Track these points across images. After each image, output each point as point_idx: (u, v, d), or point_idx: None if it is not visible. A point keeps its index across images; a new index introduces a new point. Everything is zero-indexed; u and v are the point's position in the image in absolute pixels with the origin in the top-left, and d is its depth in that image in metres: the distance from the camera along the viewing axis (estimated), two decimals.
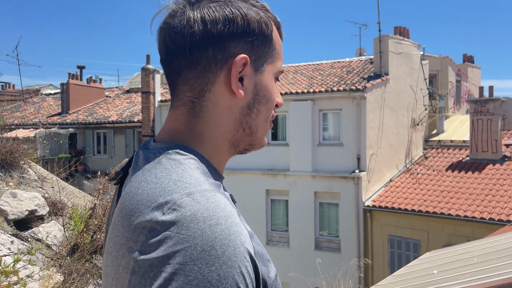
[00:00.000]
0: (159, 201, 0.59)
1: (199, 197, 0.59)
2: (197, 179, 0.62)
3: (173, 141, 0.70)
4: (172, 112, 0.73)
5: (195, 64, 0.69)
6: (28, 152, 3.29)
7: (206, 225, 0.56)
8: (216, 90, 0.70)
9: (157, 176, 0.63)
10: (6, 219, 2.68)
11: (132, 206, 0.62)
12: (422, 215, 10.42)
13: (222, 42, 0.68)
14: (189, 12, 0.68)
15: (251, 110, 0.73)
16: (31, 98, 23.41)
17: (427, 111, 14.41)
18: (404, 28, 13.76)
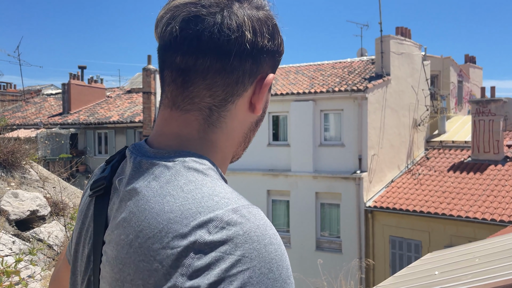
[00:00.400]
0: (200, 218, 0.52)
1: (246, 213, 0.54)
2: (232, 193, 0.57)
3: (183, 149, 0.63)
4: (179, 115, 0.64)
5: (230, 72, 0.62)
6: (30, 153, 3.29)
7: (261, 245, 0.52)
8: (239, 103, 0.65)
9: (183, 189, 0.56)
10: (7, 219, 2.68)
11: (161, 225, 0.53)
12: (423, 216, 10.40)
13: (261, 56, 0.64)
14: (238, 13, 0.62)
15: (257, 126, 0.72)
16: (32, 98, 23.44)
17: (428, 111, 14.39)
18: (406, 29, 13.74)
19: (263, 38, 0.63)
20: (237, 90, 0.64)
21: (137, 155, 0.63)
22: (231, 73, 0.62)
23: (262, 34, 0.63)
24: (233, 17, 0.61)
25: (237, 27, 0.61)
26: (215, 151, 0.65)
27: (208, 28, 0.60)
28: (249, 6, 0.64)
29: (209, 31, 0.60)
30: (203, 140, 0.64)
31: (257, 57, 0.64)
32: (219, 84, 0.63)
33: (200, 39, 0.60)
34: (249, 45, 0.62)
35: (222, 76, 0.62)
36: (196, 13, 0.61)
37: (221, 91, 0.63)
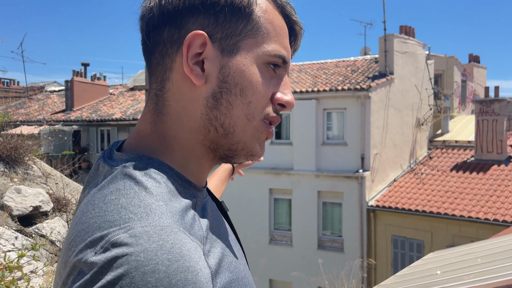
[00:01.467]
0: (94, 235, 0.47)
1: (139, 233, 0.46)
2: (147, 206, 0.49)
3: (138, 148, 0.58)
4: (144, 109, 0.62)
5: (154, 48, 0.58)
6: (33, 149, 3.30)
7: (139, 273, 0.43)
8: (174, 78, 0.57)
9: (105, 199, 0.51)
10: (10, 215, 2.69)
11: (72, 235, 0.50)
12: (426, 216, 10.39)
13: (178, 18, 0.56)
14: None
15: (218, 101, 0.57)
16: (35, 95, 23.51)
17: (432, 111, 14.35)
18: (410, 27, 13.70)
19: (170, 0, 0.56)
20: (166, 64, 0.58)
21: (103, 156, 0.60)
22: (156, 49, 0.58)
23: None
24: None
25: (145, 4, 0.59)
26: (168, 145, 0.58)
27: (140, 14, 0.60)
28: None
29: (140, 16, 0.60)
30: (155, 134, 0.59)
31: (173, 21, 0.57)
32: (154, 65, 0.59)
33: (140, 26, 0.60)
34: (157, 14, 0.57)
35: (153, 55, 0.59)
36: None
37: (158, 72, 0.59)
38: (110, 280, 0.44)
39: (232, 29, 0.57)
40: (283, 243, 12.57)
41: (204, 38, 0.56)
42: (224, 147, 0.60)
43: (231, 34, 0.57)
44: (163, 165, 0.55)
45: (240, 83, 0.57)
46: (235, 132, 0.59)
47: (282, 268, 11.95)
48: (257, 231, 12.50)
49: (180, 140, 0.59)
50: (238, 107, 0.58)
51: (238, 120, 0.58)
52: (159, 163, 0.55)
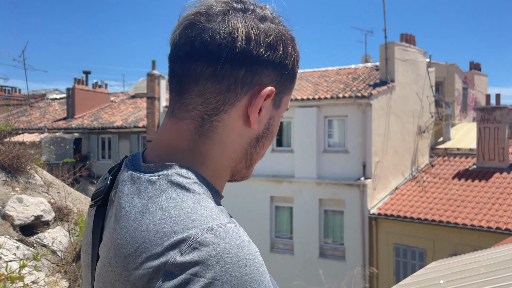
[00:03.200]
0: (173, 238, 0.51)
1: (222, 232, 0.51)
2: (212, 210, 0.55)
3: (171, 160, 0.61)
4: (173, 124, 0.64)
5: (221, 78, 0.61)
6: (35, 158, 3.29)
7: (235, 267, 0.49)
8: (232, 114, 0.63)
9: (162, 207, 0.54)
10: (12, 224, 2.67)
11: (137, 244, 0.53)
12: (428, 224, 10.33)
13: (257, 66, 0.62)
14: (233, 21, 0.62)
15: (258, 143, 0.68)
16: (37, 103, 23.57)
17: (433, 118, 14.35)
18: (411, 35, 13.75)
19: (258, 47, 0.62)
20: (229, 99, 0.62)
21: (129, 167, 0.63)
22: (222, 80, 0.61)
23: (258, 43, 0.62)
24: (226, 23, 0.61)
25: (228, 33, 0.61)
26: (205, 163, 0.63)
27: (201, 33, 0.61)
28: (252, 16, 0.63)
29: (201, 37, 0.61)
30: (192, 152, 0.63)
31: (252, 66, 0.62)
32: (210, 90, 0.62)
33: (193, 44, 0.61)
34: (240, 52, 0.60)
35: (213, 82, 0.61)
36: (193, 20, 0.62)
37: (213, 98, 0.62)
38: (212, 277, 0.48)
39: (284, 88, 0.68)
40: (284, 251, 12.51)
41: (272, 93, 0.64)
42: (241, 174, 0.70)
43: (283, 91, 0.68)
44: (199, 175, 0.61)
45: (273, 131, 0.70)
46: (253, 164, 0.71)
47: (283, 276, 11.87)
48: (258, 239, 12.44)
49: (216, 163, 0.65)
50: (265, 147, 0.70)
51: (259, 157, 0.71)
52: (196, 173, 0.60)
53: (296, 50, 0.68)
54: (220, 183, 0.66)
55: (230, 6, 0.63)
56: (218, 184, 0.66)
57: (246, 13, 0.63)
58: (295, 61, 0.67)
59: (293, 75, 0.68)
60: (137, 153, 0.66)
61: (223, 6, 0.63)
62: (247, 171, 0.70)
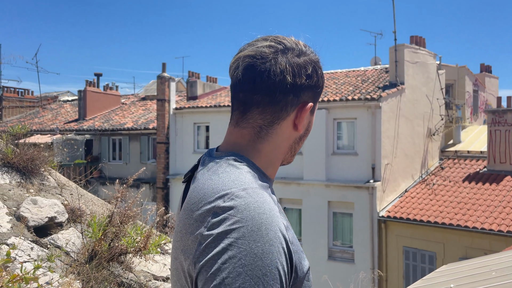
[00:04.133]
0: (221, 193, 0.78)
1: (251, 192, 0.78)
2: (250, 179, 0.82)
3: (235, 151, 0.88)
4: (238, 130, 0.91)
5: (276, 103, 0.87)
6: (49, 160, 3.35)
7: (256, 213, 0.75)
8: (283, 124, 0.90)
9: (219, 176, 0.83)
10: (26, 226, 2.73)
11: (200, 196, 0.81)
12: (438, 227, 10.26)
13: (300, 91, 0.88)
14: (281, 62, 0.86)
15: (300, 140, 0.96)
16: (49, 105, 23.85)
17: (443, 121, 14.24)
18: (420, 38, 13.67)
19: (300, 79, 0.87)
20: (282, 115, 0.89)
21: (205, 155, 0.93)
22: (277, 104, 0.87)
23: (300, 76, 0.87)
24: (277, 65, 0.86)
25: (280, 72, 0.86)
26: (258, 156, 0.90)
27: (260, 74, 0.86)
28: (292, 54, 0.88)
29: (260, 76, 0.86)
30: (250, 147, 0.90)
31: (297, 91, 0.88)
32: (268, 111, 0.88)
33: (255, 81, 0.86)
34: (289, 85, 0.86)
35: (270, 106, 0.88)
36: (252, 63, 0.87)
37: (270, 116, 0.88)
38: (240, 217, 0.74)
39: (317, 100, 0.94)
40: None
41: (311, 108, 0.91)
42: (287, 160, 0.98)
43: (315, 102, 0.94)
44: (249, 161, 0.87)
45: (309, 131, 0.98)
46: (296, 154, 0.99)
47: None
48: None
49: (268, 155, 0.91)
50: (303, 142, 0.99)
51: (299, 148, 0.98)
52: (247, 160, 0.87)
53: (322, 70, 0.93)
54: (272, 169, 0.93)
55: (276, 49, 0.87)
56: (270, 170, 0.92)
57: (287, 53, 0.87)
58: (323, 79, 0.94)
59: (322, 90, 0.95)
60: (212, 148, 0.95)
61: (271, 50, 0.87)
62: (292, 158, 0.98)
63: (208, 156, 0.91)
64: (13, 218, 2.76)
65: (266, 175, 0.89)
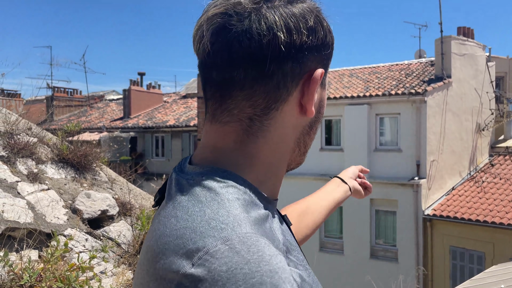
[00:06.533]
0: (188, 246, 0.48)
1: (238, 244, 0.47)
2: (236, 217, 0.50)
3: (217, 162, 0.59)
4: (217, 128, 0.60)
5: (269, 79, 0.57)
6: (100, 156, 3.51)
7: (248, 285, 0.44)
8: (285, 109, 0.59)
9: (188, 211, 0.52)
10: (81, 218, 2.88)
11: (159, 249, 0.51)
12: (487, 226, 9.83)
13: (302, 54, 0.57)
14: (268, 15, 0.56)
15: (311, 129, 0.64)
16: (96, 104, 24.88)
17: (493, 115, 13.59)
18: (468, 29, 13.10)
19: (300, 35, 0.57)
20: (280, 96, 0.58)
21: (176, 169, 0.62)
22: (270, 79, 0.57)
23: (299, 31, 0.57)
24: (262, 19, 0.55)
25: (268, 29, 0.55)
26: (253, 164, 0.59)
27: (237, 37, 0.55)
28: (280, 2, 0.57)
29: (238, 40, 0.55)
30: (239, 152, 0.59)
31: (298, 56, 0.57)
32: (258, 92, 0.57)
33: (231, 50, 0.56)
34: (284, 47, 0.56)
35: (260, 84, 0.57)
36: (223, 23, 0.56)
37: (262, 99, 0.58)
38: None
39: (328, 66, 0.63)
40: (334, 251, 12.38)
41: (322, 76, 0.60)
42: (296, 161, 0.66)
43: (327, 70, 0.63)
44: (238, 177, 0.57)
45: (322, 113, 0.65)
46: (307, 150, 0.67)
47: (332, 276, 11.76)
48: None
49: (268, 161, 0.61)
50: (316, 131, 0.66)
51: (312, 141, 0.67)
52: (234, 176, 0.57)
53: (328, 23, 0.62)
54: (275, 181, 0.63)
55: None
56: (272, 181, 0.62)
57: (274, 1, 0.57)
58: (332, 35, 0.63)
59: (332, 50, 0.64)
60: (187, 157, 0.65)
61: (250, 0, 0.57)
62: (302, 158, 0.67)
63: (177, 173, 0.61)
64: (69, 211, 2.92)
65: (264, 196, 0.59)
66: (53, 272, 2.16)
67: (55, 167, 3.25)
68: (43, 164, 3.23)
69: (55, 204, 2.89)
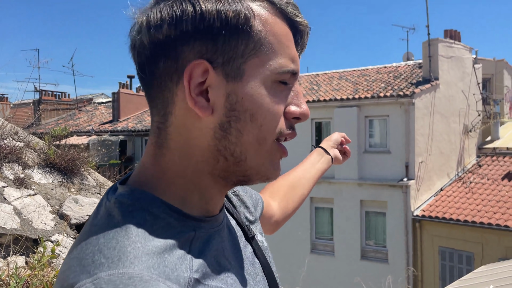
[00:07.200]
0: (68, 281, 0.45)
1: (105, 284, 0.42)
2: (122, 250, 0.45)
3: (137, 181, 0.55)
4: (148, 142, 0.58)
5: (152, 81, 0.53)
6: (88, 160, 3.48)
7: None
8: (177, 112, 0.53)
9: (87, 239, 0.48)
10: (69, 223, 2.85)
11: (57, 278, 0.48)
12: (476, 226, 9.94)
13: (172, 48, 0.51)
14: (140, 19, 0.53)
15: (226, 131, 0.53)
16: (84, 107, 24.67)
17: (480, 117, 13.78)
18: (455, 31, 13.28)
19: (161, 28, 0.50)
20: (166, 98, 0.53)
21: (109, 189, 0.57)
22: (153, 82, 0.53)
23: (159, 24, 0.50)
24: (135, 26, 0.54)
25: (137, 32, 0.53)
26: (169, 179, 0.54)
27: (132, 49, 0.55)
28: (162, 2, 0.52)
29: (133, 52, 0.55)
30: (155, 168, 0.55)
31: (166, 51, 0.51)
32: (154, 96, 0.54)
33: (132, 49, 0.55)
34: (149, 46, 0.51)
35: (150, 88, 0.54)
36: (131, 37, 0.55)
37: (160, 105, 0.54)
38: None
39: (233, 52, 0.51)
40: (325, 252, 12.42)
41: (205, 66, 0.51)
42: (236, 173, 0.56)
43: (233, 57, 0.52)
44: (155, 199, 0.52)
45: (249, 109, 0.52)
46: (247, 158, 0.54)
47: (324, 277, 11.79)
48: (298, 240, 12.43)
49: (182, 174, 0.54)
50: (249, 133, 0.53)
51: (249, 146, 0.54)
52: (151, 198, 0.52)
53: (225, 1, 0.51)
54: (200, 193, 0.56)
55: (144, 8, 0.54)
56: (197, 196, 0.55)
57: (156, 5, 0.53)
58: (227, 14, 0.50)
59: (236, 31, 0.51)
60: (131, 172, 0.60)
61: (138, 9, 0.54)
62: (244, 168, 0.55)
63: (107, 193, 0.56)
64: (56, 216, 2.89)
65: (186, 215, 0.53)
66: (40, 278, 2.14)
67: (42, 172, 3.21)
68: (30, 169, 3.19)
69: (42, 209, 2.85)
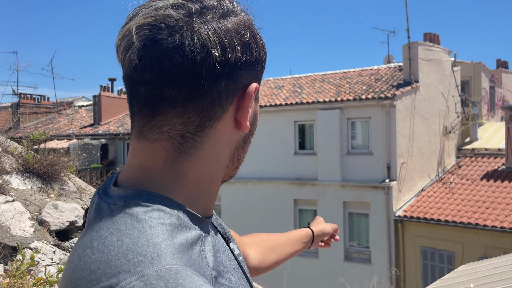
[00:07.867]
0: (102, 283, 0.44)
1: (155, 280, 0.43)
2: (156, 246, 0.46)
3: (142, 183, 0.55)
4: (145, 145, 0.56)
5: (202, 96, 0.54)
6: (68, 165, 3.42)
7: None
8: (219, 126, 0.57)
9: (105, 241, 0.48)
10: (48, 230, 2.79)
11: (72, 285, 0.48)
12: (456, 226, 10.13)
13: (237, 71, 0.56)
14: (201, 30, 0.53)
15: (245, 143, 0.63)
16: (64, 110, 24.23)
17: (459, 118, 14.06)
18: (434, 35, 13.53)
19: (235, 52, 0.55)
20: (215, 113, 0.56)
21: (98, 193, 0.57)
22: (204, 97, 0.54)
23: (234, 48, 0.54)
24: (195, 35, 0.52)
25: (201, 46, 0.52)
26: (183, 182, 0.56)
27: (168, 53, 0.52)
28: (213, 16, 0.54)
29: (169, 57, 0.52)
30: (169, 171, 0.56)
31: (232, 74, 0.55)
32: (191, 110, 0.54)
33: (161, 66, 0.52)
34: (219, 65, 0.53)
35: (194, 102, 0.54)
36: (152, 36, 0.52)
37: (196, 117, 0.55)
38: None
39: (260, 80, 0.62)
40: (309, 254, 12.47)
41: (256, 90, 0.59)
42: (229, 175, 0.64)
43: (259, 83, 0.62)
44: (165, 199, 0.54)
45: (256, 126, 0.65)
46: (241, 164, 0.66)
47: (308, 280, 11.83)
48: None
49: (199, 179, 0.58)
50: (250, 143, 0.65)
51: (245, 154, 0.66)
52: (160, 198, 0.53)
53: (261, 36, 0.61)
54: (208, 196, 0.60)
55: (189, 9, 0.53)
56: (205, 198, 0.59)
57: (206, 14, 0.54)
58: (265, 50, 0.62)
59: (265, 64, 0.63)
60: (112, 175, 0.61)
61: (180, 12, 0.53)
62: (236, 171, 0.66)
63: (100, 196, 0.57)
64: (36, 223, 2.83)
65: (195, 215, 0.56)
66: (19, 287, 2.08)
67: (21, 178, 3.14)
68: (8, 174, 3.11)
69: (20, 216, 2.79)
